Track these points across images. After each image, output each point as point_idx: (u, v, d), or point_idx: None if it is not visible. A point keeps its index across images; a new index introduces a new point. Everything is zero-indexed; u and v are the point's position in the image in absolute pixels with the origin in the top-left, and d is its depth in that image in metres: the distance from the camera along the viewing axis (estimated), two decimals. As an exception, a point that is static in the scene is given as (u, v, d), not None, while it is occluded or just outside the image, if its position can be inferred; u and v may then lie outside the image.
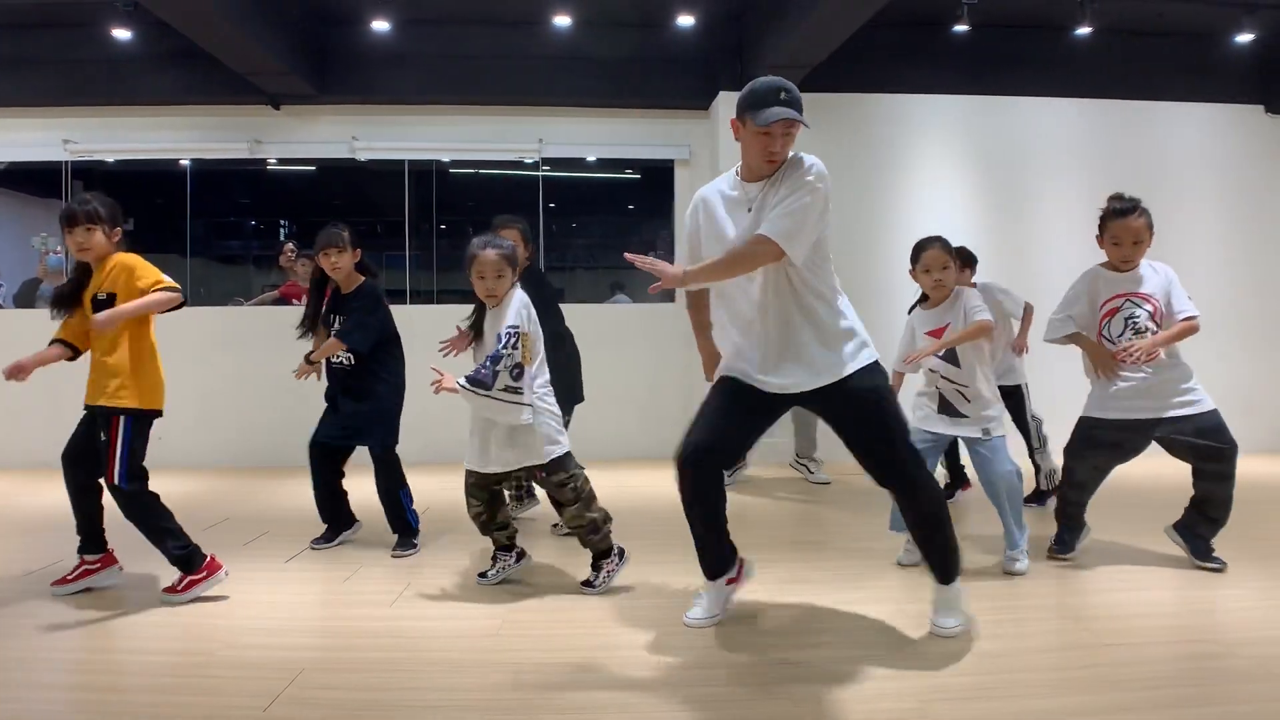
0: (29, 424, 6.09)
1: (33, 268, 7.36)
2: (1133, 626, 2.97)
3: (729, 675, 2.58)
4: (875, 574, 3.61)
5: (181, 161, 7.45)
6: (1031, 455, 4.84)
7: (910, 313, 3.84)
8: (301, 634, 2.97)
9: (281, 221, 9.23)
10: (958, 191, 7.05)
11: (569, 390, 4.28)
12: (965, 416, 3.64)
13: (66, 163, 7.18)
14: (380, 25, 6.65)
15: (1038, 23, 6.88)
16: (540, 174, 7.47)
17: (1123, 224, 3.55)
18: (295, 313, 6.94)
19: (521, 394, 3.19)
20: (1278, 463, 6.48)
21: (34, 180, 7.67)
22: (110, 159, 7.52)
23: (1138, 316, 3.53)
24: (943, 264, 3.61)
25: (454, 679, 2.58)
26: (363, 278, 4.05)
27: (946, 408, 3.67)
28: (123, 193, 8.69)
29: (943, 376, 3.66)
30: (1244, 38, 6.75)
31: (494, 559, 3.53)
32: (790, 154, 2.74)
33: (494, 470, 3.32)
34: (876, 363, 2.79)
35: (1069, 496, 3.79)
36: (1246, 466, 3.72)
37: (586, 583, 3.40)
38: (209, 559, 3.32)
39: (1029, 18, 6.84)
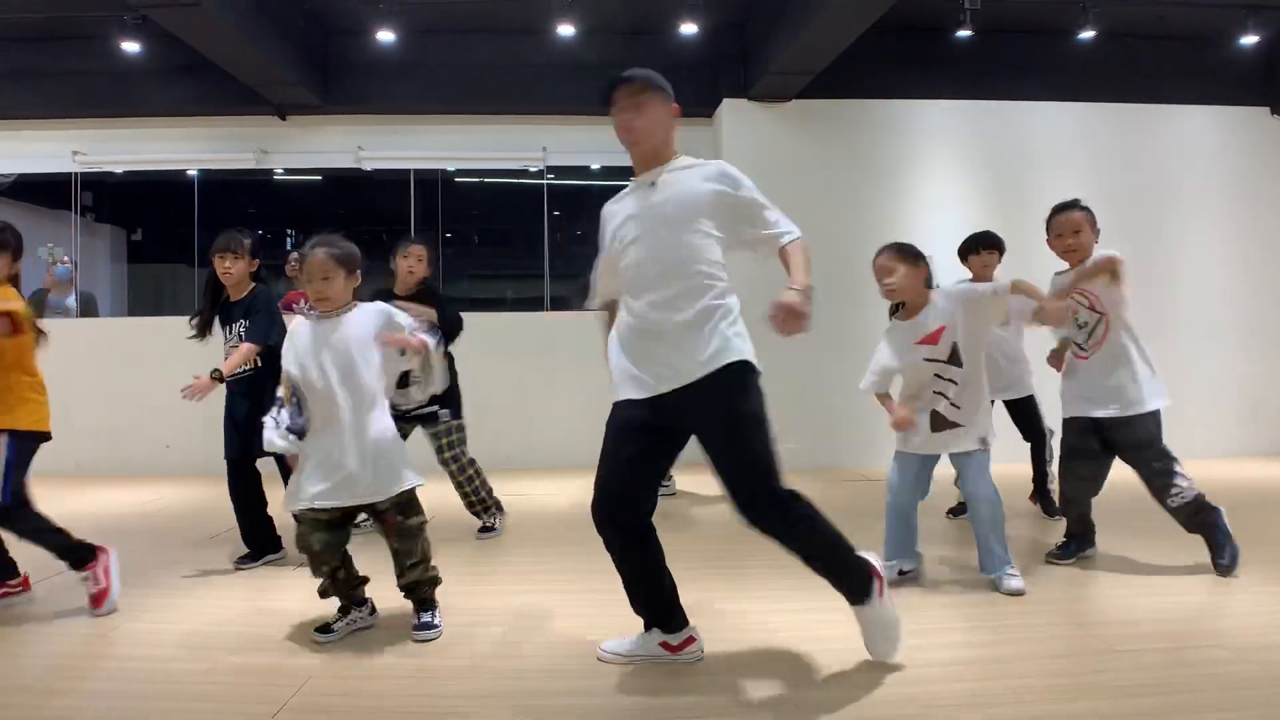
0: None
1: (41, 278, 7.40)
2: (1140, 632, 2.96)
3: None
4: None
5: (189, 172, 7.50)
6: (1046, 467, 4.66)
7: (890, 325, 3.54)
8: (308, 641, 2.96)
9: (288, 231, 9.27)
10: (962, 196, 7.04)
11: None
12: (959, 426, 3.38)
13: (76, 174, 7.25)
14: (385, 36, 6.69)
15: (1040, 27, 6.89)
16: (545, 182, 7.50)
17: (1062, 218, 3.70)
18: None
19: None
20: (1286, 466, 6.46)
21: (43, 191, 7.73)
22: (119, 170, 7.59)
23: (1077, 312, 3.66)
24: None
25: (468, 685, 2.57)
26: (254, 284, 3.91)
27: (939, 423, 3.38)
28: (131, 203, 8.80)
29: (943, 379, 3.34)
30: (1248, 39, 6.75)
31: (343, 611, 3.05)
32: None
33: (362, 502, 2.90)
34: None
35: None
36: (1251, 470, 3.69)
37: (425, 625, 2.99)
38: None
39: (1032, 22, 6.86)
